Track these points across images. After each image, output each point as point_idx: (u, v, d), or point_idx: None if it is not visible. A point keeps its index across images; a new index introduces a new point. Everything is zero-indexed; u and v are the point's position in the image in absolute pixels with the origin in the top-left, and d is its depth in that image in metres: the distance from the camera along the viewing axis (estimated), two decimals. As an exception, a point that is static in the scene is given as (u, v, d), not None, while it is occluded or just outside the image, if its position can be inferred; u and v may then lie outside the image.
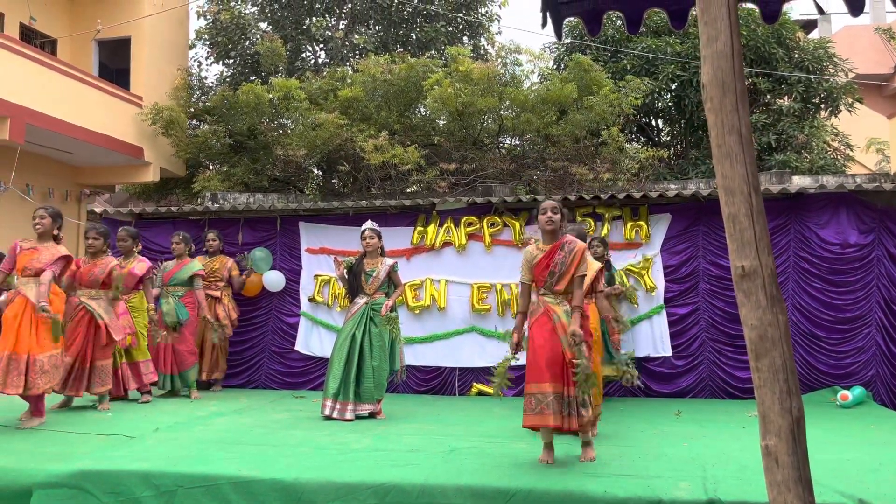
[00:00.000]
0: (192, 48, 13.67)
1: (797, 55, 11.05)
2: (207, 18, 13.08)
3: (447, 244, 7.96)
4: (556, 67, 11.60)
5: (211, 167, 12.05)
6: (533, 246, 4.47)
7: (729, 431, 5.44)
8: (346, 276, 6.33)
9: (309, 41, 13.55)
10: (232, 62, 13.34)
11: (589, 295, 5.17)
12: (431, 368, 7.91)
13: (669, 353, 7.43)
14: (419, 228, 8.03)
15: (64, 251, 5.58)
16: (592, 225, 7.56)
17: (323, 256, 8.25)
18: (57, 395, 5.95)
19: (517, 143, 11.01)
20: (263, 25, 13.46)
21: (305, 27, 13.31)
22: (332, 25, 13.71)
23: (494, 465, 4.24)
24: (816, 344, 7.19)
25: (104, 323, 6.11)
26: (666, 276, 7.50)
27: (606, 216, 7.61)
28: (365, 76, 10.30)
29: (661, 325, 7.45)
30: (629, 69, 10.83)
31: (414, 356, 7.72)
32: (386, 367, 6.17)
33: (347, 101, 10.28)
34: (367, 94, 10.33)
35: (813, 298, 7.22)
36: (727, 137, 2.27)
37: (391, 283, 6.39)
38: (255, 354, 8.42)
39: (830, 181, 8.22)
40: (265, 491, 3.89)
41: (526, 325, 4.44)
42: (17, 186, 10.40)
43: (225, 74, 13.48)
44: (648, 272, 7.46)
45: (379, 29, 13.57)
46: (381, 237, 6.36)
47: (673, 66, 10.67)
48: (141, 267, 6.93)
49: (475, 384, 7.78)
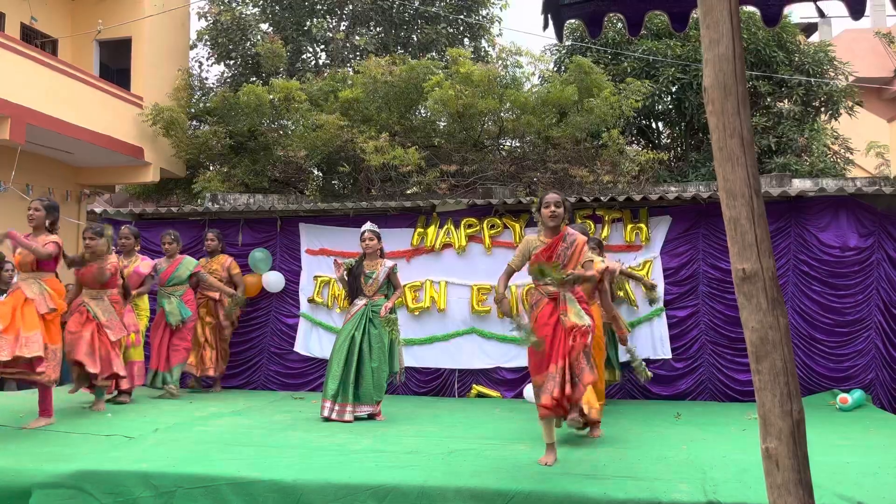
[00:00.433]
0: (192, 49, 13.67)
1: (797, 58, 11.05)
2: (208, 19, 13.08)
3: (447, 246, 7.96)
4: (556, 69, 11.60)
5: (211, 168, 12.04)
6: (535, 236, 4.55)
7: (728, 434, 5.43)
8: (345, 277, 6.33)
9: (310, 42, 13.56)
10: (232, 63, 13.35)
11: (592, 296, 5.18)
12: (431, 370, 7.91)
13: (669, 355, 7.43)
14: (419, 230, 8.03)
15: (54, 237, 5.58)
16: (592, 227, 7.55)
17: (323, 257, 8.25)
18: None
19: (517, 144, 11.01)
20: (264, 26, 13.47)
21: (306, 28, 13.31)
22: (332, 27, 13.72)
23: (493, 466, 4.24)
24: (816, 347, 7.19)
25: (102, 322, 6.13)
26: (666, 278, 7.50)
27: (606, 218, 7.61)
28: (365, 77, 10.31)
29: (660, 327, 7.44)
30: (630, 71, 10.83)
31: (413, 358, 7.72)
32: (385, 368, 6.17)
33: (348, 102, 10.28)
34: (367, 95, 10.33)
35: (813, 302, 7.22)
36: (728, 140, 2.27)
37: (390, 284, 6.39)
38: (254, 355, 8.41)
39: (830, 184, 8.22)
40: (264, 492, 3.89)
41: (526, 316, 4.49)
42: (17, 186, 10.39)
43: (225, 75, 13.50)
44: (648, 274, 7.46)
45: (380, 30, 13.58)
46: (380, 239, 6.36)
47: (673, 68, 10.67)
48: (146, 265, 7.02)
49: (475, 386, 7.78)
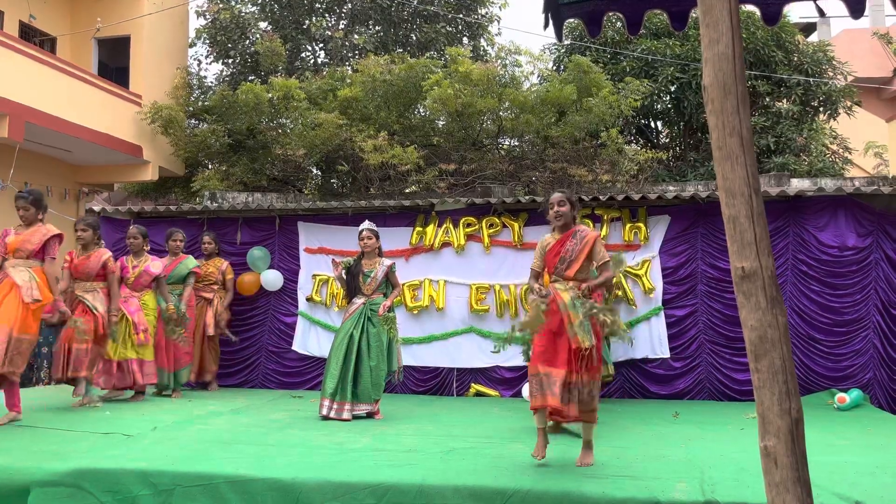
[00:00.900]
0: (191, 47, 13.66)
1: (796, 58, 11.06)
2: (207, 17, 13.07)
3: (446, 245, 7.96)
4: (555, 69, 11.61)
5: (210, 166, 12.05)
6: (550, 235, 4.65)
7: (727, 433, 5.44)
8: (343, 276, 6.33)
9: (309, 41, 13.55)
10: (231, 61, 13.34)
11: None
12: (429, 369, 7.91)
13: (667, 354, 7.43)
14: (418, 229, 8.03)
15: (54, 230, 5.61)
16: (591, 226, 7.56)
17: (321, 256, 8.24)
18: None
19: (516, 144, 11.01)
20: (263, 25, 13.45)
21: (305, 27, 13.31)
22: (331, 25, 13.71)
23: (492, 465, 4.24)
24: (814, 346, 7.20)
25: (99, 315, 6.15)
26: (664, 277, 7.51)
27: (605, 217, 7.61)
28: (364, 76, 10.30)
29: (659, 326, 7.45)
30: (628, 71, 10.84)
31: (412, 356, 7.73)
32: (384, 367, 6.17)
33: (347, 101, 10.28)
34: (366, 94, 10.33)
35: (811, 301, 7.23)
36: (728, 139, 2.27)
37: (389, 283, 6.39)
38: (252, 354, 8.41)
39: (829, 184, 8.23)
40: (262, 490, 3.89)
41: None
42: (15, 185, 10.37)
43: (224, 74, 13.48)
44: (647, 274, 7.46)
45: (379, 29, 13.57)
46: (378, 237, 6.37)
47: (672, 68, 10.68)
48: (157, 265, 7.03)
49: (473, 385, 7.78)
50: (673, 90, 11.02)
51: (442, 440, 5.02)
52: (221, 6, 12.99)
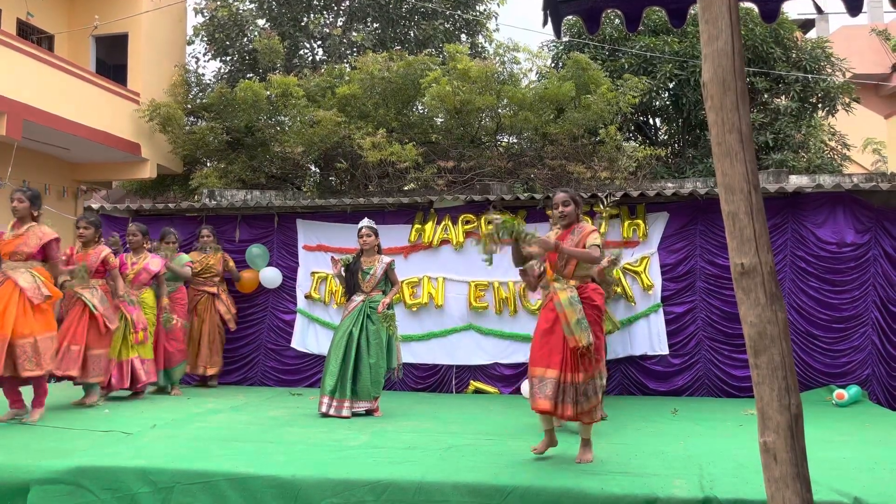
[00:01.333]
0: (189, 44, 13.63)
1: (795, 55, 11.05)
2: (205, 15, 13.04)
3: (445, 242, 7.96)
4: (554, 66, 11.59)
5: (208, 164, 12.02)
6: (551, 231, 4.70)
7: (725, 430, 5.45)
8: (343, 274, 6.33)
9: (307, 38, 13.52)
10: (229, 59, 13.30)
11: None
12: (428, 366, 7.92)
13: (666, 351, 7.44)
14: (417, 226, 8.03)
15: (52, 233, 5.60)
16: (590, 223, 7.55)
17: (320, 253, 8.24)
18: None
19: (515, 141, 11.00)
20: (261, 22, 13.42)
21: (303, 24, 13.28)
22: (329, 22, 13.68)
23: (491, 462, 4.25)
24: (813, 343, 7.21)
25: (99, 313, 6.14)
26: (663, 274, 7.51)
27: (604, 214, 7.60)
28: (363, 73, 10.28)
29: (658, 323, 7.46)
30: (627, 68, 10.83)
31: (411, 354, 7.73)
32: (383, 364, 6.18)
33: (345, 98, 10.26)
34: (364, 91, 10.31)
35: (809, 297, 7.23)
36: (727, 136, 2.28)
37: (388, 280, 6.39)
38: (251, 351, 8.41)
39: (827, 180, 8.23)
40: (262, 487, 3.89)
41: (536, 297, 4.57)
42: (13, 183, 10.35)
43: (222, 71, 13.44)
44: (646, 270, 7.47)
45: (377, 26, 13.55)
46: (377, 235, 6.37)
47: (671, 65, 10.67)
48: (156, 263, 7.04)
49: (472, 382, 7.78)
50: (672, 87, 11.00)
51: (441, 437, 5.03)
52: (219, 3, 12.95)
